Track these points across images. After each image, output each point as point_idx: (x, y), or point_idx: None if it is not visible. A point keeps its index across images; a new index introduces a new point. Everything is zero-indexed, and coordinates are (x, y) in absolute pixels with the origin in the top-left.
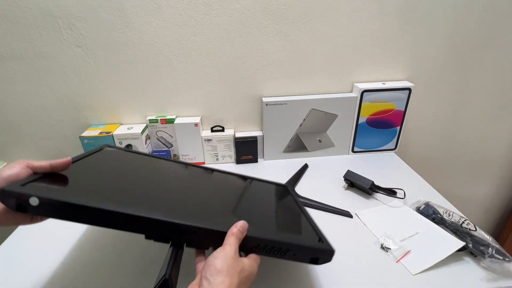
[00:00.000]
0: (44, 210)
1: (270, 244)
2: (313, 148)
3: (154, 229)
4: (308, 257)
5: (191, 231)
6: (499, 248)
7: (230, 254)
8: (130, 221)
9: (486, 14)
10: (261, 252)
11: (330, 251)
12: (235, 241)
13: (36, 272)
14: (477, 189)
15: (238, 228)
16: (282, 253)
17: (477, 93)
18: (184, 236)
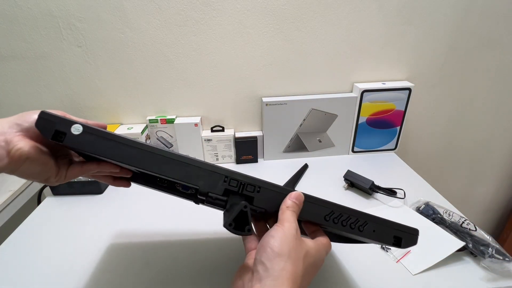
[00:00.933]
0: (83, 141)
1: (345, 212)
2: (313, 148)
3: (211, 180)
4: (391, 236)
5: (255, 186)
6: (499, 248)
7: (291, 233)
8: (180, 167)
9: (486, 14)
10: (332, 224)
11: (415, 230)
12: (293, 216)
13: (36, 272)
14: (477, 189)
15: (293, 199)
16: (359, 227)
17: (477, 93)
18: (245, 192)
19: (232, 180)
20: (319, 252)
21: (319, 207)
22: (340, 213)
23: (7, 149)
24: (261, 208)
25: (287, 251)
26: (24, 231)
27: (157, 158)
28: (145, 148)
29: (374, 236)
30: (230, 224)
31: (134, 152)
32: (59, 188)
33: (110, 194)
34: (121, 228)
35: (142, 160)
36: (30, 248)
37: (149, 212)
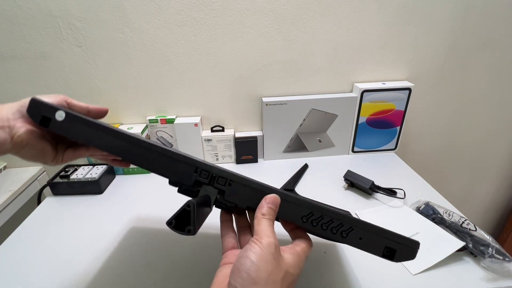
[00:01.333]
0: (67, 127)
1: (327, 214)
2: (313, 148)
3: (181, 170)
4: (382, 246)
5: (226, 179)
6: (499, 248)
7: (269, 252)
8: (155, 155)
9: (486, 14)
10: (309, 227)
11: (414, 243)
12: (270, 226)
13: (36, 272)
14: (477, 189)
15: (269, 204)
16: (343, 232)
17: (477, 93)
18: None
19: (203, 171)
20: (298, 265)
21: (296, 206)
22: (320, 215)
23: (11, 134)
24: (232, 203)
25: (264, 278)
26: (24, 231)
27: (131, 147)
28: (121, 136)
29: (360, 244)
30: (170, 222)
31: (109, 139)
32: (59, 188)
33: (110, 194)
34: (121, 228)
35: (116, 147)
36: (30, 248)
37: (149, 212)
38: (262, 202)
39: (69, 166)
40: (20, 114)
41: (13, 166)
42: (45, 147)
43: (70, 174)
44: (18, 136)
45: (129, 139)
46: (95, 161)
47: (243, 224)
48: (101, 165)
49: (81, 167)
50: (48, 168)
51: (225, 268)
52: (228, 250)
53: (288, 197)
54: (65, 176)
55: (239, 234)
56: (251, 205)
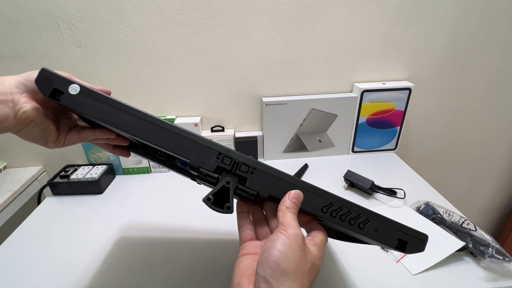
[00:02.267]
0: (80, 102)
1: (346, 206)
2: (313, 148)
3: (204, 154)
4: (395, 238)
5: (249, 166)
6: (499, 248)
7: (297, 244)
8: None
9: (486, 14)
10: (329, 217)
11: (423, 236)
12: (295, 219)
13: (36, 272)
14: (477, 189)
15: (293, 199)
16: (360, 224)
17: (477, 93)
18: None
19: (225, 157)
20: (321, 258)
21: (317, 197)
22: (339, 206)
23: (14, 110)
24: (253, 191)
25: (294, 269)
26: (24, 231)
27: (150, 126)
28: (138, 114)
29: (375, 236)
30: (209, 199)
31: (126, 117)
32: (59, 188)
33: (110, 194)
34: (121, 228)
35: (133, 127)
36: (30, 248)
37: (149, 212)
38: (286, 197)
39: (69, 166)
40: (24, 88)
41: (13, 166)
42: (49, 126)
43: (70, 174)
44: (23, 112)
45: (148, 118)
46: (95, 161)
47: (260, 216)
48: (101, 165)
49: (81, 167)
50: (48, 168)
51: (245, 259)
52: (247, 241)
53: (309, 187)
54: (65, 176)
55: (255, 226)
56: (274, 193)
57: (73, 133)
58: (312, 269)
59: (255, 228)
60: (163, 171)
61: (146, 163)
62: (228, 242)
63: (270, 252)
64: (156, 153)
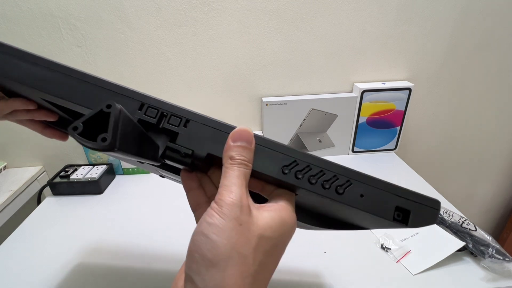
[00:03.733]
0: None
1: (316, 164)
2: (313, 148)
3: None
4: (392, 205)
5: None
6: (499, 248)
7: (231, 217)
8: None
9: (486, 14)
10: (293, 180)
11: (433, 201)
12: (237, 177)
13: (36, 272)
14: (477, 189)
15: (237, 142)
16: (338, 187)
17: (477, 93)
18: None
19: (150, 108)
20: (282, 224)
21: (274, 153)
22: (307, 164)
23: None
24: (187, 149)
25: (225, 254)
26: (24, 231)
27: (54, 75)
28: (41, 62)
29: (362, 205)
30: (75, 128)
31: (27, 65)
32: (59, 188)
33: (110, 194)
34: (121, 228)
35: (34, 76)
36: (30, 248)
37: (149, 212)
38: (228, 142)
39: (69, 166)
40: None
41: (13, 166)
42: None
43: (70, 174)
44: None
45: (53, 67)
46: (95, 161)
47: (215, 190)
48: (101, 165)
49: (81, 167)
50: (48, 168)
51: None
52: (197, 210)
53: (263, 141)
54: (65, 176)
55: None
56: (213, 151)
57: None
58: (261, 243)
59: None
60: None
61: None
62: None
63: (194, 240)
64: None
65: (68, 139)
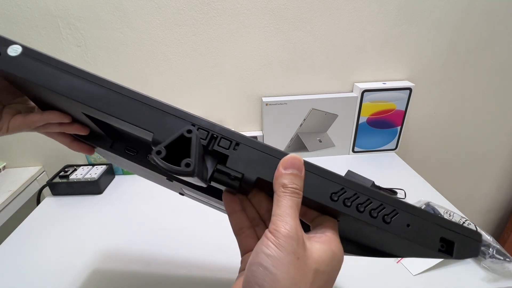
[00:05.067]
0: (22, 65)
1: (364, 192)
2: (313, 148)
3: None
4: (437, 236)
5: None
6: (499, 249)
7: (289, 251)
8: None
9: (486, 14)
10: (341, 207)
11: (475, 234)
12: (290, 207)
13: (36, 272)
14: (478, 189)
15: (288, 170)
16: (385, 216)
17: (477, 93)
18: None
19: (200, 129)
20: (333, 258)
21: (323, 180)
22: (355, 192)
23: None
24: (237, 172)
25: (287, 285)
26: (23, 231)
27: (103, 91)
28: (90, 78)
29: (408, 234)
30: (159, 152)
31: (77, 81)
32: (59, 188)
33: (110, 194)
34: (121, 228)
35: (83, 92)
36: (29, 248)
37: (149, 212)
38: (279, 169)
39: (69, 166)
40: None
41: (12, 166)
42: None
43: (70, 174)
44: None
45: (102, 82)
46: (95, 161)
47: (255, 214)
48: (100, 165)
49: (80, 167)
50: (48, 168)
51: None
52: (248, 252)
53: (312, 167)
54: (65, 176)
55: (255, 229)
56: (264, 175)
57: (18, 117)
58: (317, 278)
59: (256, 230)
60: None
61: None
62: (229, 241)
63: (252, 271)
64: (125, 146)
65: (94, 153)
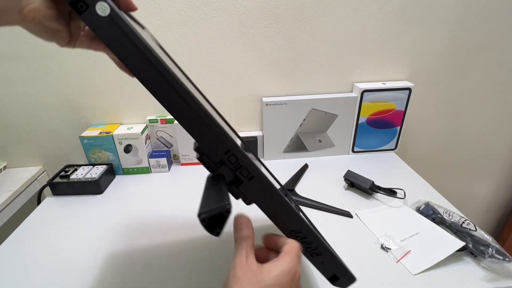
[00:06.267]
0: (103, 27)
1: (311, 236)
2: (313, 148)
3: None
4: (332, 272)
5: (250, 173)
6: (499, 248)
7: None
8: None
9: (486, 14)
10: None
11: (351, 277)
12: (241, 249)
13: (36, 272)
14: (477, 189)
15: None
16: (313, 253)
17: (477, 93)
18: (237, 172)
19: (232, 156)
20: (280, 274)
21: (292, 219)
22: (306, 235)
23: (19, 3)
24: (243, 195)
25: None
26: (24, 231)
27: (175, 97)
28: (170, 78)
29: (318, 266)
30: (203, 220)
31: (155, 76)
32: (59, 188)
33: (110, 194)
34: (121, 228)
35: (157, 90)
36: (30, 248)
37: (149, 212)
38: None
39: (69, 166)
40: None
41: (13, 166)
42: (60, 30)
43: (70, 174)
44: (31, 10)
45: (172, 81)
46: (95, 161)
47: None
48: (101, 165)
49: (81, 167)
50: (48, 168)
51: None
52: None
53: (287, 207)
54: (65, 176)
55: None
56: (259, 205)
57: (84, 38)
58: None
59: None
60: (163, 171)
61: (146, 163)
62: (229, 241)
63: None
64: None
65: None
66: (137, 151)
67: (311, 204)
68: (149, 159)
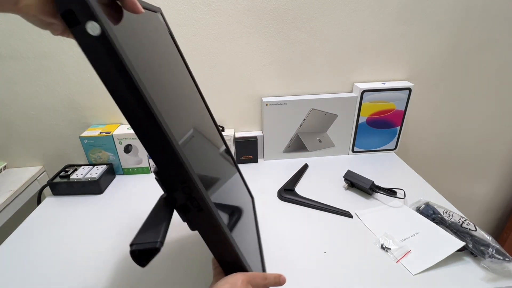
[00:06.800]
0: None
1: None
2: (313, 148)
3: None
4: None
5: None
6: (499, 248)
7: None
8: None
9: (486, 14)
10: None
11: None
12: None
13: (36, 272)
14: (477, 189)
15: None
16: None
17: (477, 93)
18: (188, 202)
19: (187, 187)
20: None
21: (230, 257)
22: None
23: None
24: (189, 222)
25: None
26: (24, 231)
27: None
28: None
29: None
30: (133, 252)
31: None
32: (59, 188)
33: (110, 194)
34: (121, 228)
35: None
36: (30, 248)
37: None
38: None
39: (69, 166)
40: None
41: (13, 166)
42: (54, 24)
43: (70, 174)
44: (25, 6)
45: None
46: (95, 161)
47: None
48: (101, 165)
49: (81, 167)
50: (48, 168)
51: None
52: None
53: (229, 246)
54: (65, 176)
55: None
56: (203, 236)
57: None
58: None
59: None
60: None
61: (146, 163)
62: None
63: None
64: None
65: None
66: (137, 151)
67: (311, 204)
68: (149, 159)
